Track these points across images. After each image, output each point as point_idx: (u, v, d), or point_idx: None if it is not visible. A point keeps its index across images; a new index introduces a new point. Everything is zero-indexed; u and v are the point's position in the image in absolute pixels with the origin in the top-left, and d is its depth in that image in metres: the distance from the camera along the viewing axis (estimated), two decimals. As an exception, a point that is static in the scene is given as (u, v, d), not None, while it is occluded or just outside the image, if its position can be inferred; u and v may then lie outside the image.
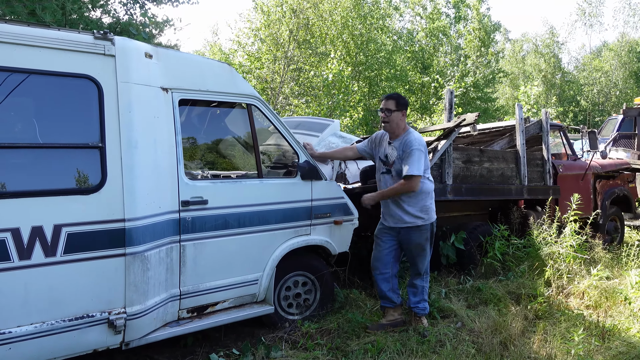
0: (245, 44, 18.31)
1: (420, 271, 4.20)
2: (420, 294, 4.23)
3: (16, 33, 2.77)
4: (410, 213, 4.02)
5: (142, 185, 3.14)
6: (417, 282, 4.23)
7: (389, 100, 4.07)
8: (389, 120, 4.04)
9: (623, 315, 4.57)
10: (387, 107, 4.03)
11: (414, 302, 4.22)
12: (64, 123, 2.99)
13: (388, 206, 4.13)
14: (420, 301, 4.22)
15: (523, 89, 16.85)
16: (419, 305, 4.21)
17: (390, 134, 4.12)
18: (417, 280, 4.23)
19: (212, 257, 3.61)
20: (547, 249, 5.45)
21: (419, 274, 4.21)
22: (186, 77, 3.54)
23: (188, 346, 3.81)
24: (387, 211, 4.16)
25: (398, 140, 4.06)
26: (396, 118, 4.02)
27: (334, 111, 14.45)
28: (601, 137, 12.33)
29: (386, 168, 4.12)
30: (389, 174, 4.11)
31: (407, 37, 25.19)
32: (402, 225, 4.08)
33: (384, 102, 4.07)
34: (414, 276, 4.25)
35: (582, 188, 7.26)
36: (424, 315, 4.25)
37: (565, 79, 32.96)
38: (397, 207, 4.06)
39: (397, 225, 4.10)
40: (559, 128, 7.88)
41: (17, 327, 2.73)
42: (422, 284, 4.24)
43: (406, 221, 4.05)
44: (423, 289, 4.25)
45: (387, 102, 4.06)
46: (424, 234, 4.10)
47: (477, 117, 5.06)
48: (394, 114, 4.01)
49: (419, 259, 4.16)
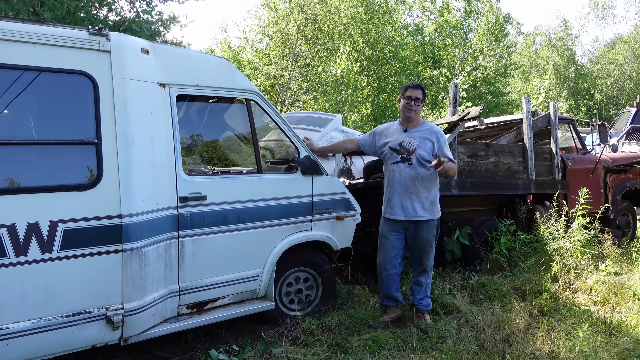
0: (253, 41, 18.33)
1: (426, 268, 4.16)
2: (425, 290, 4.19)
3: (10, 30, 2.77)
4: (423, 206, 3.98)
5: (138, 181, 3.14)
6: (422, 280, 4.18)
7: (418, 89, 4.06)
8: (416, 109, 4.03)
9: (631, 311, 4.48)
10: (417, 97, 4.02)
11: (418, 299, 4.18)
12: (59, 120, 2.99)
13: (401, 197, 4.02)
14: (424, 297, 4.18)
15: (534, 82, 16.59)
16: (422, 301, 4.17)
17: (408, 122, 4.08)
18: (423, 277, 4.18)
19: (212, 253, 3.60)
20: (554, 244, 5.36)
21: (425, 270, 4.17)
22: (184, 72, 3.53)
23: (189, 342, 3.81)
24: (398, 203, 4.03)
25: (417, 129, 4.05)
26: (420, 108, 4.07)
27: (342, 107, 14.40)
28: (614, 130, 12.16)
29: (401, 157, 4.00)
30: (404, 162, 3.99)
31: (416, 31, 24.98)
32: (413, 219, 4.00)
33: (413, 91, 4.04)
34: (420, 273, 4.19)
35: (592, 182, 7.15)
36: (427, 311, 4.21)
37: (579, 73, 32.47)
38: (411, 199, 3.98)
39: (408, 218, 4.01)
40: (568, 121, 7.75)
41: (15, 323, 2.74)
42: (427, 280, 4.20)
43: (419, 215, 3.99)
44: (427, 285, 4.21)
45: (417, 91, 4.04)
46: (432, 229, 4.07)
47: (481, 111, 4.99)
48: (421, 104, 4.05)
49: (425, 255, 4.11)
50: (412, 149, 3.97)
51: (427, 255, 4.12)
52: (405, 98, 4.04)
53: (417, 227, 4.03)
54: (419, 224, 4.02)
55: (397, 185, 4.04)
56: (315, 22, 17.12)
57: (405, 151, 3.98)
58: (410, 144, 3.98)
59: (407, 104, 4.03)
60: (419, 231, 4.04)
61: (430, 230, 4.06)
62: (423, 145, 3.97)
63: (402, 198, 4.02)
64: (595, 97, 31.04)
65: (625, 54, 31.31)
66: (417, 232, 4.04)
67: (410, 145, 3.98)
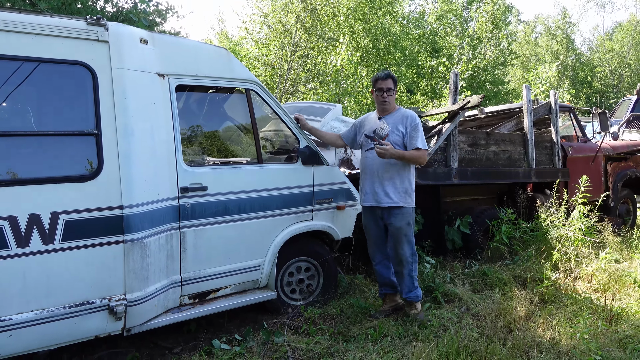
0: (252, 31, 18.23)
1: (402, 258, 3.96)
2: (409, 281, 4.00)
3: (7, 20, 2.75)
4: (395, 192, 3.89)
5: (139, 172, 3.13)
6: (401, 270, 4.00)
7: (388, 79, 4.00)
8: (389, 99, 4.00)
9: (632, 298, 4.50)
10: (389, 87, 3.97)
11: (405, 291, 4.02)
12: (58, 111, 2.98)
13: (372, 183, 3.96)
14: (411, 289, 4.00)
15: (542, 68, 16.26)
16: (410, 294, 4.00)
17: (383, 112, 4.05)
18: (400, 267, 4.00)
19: (213, 244, 3.60)
20: (555, 232, 5.38)
21: (402, 262, 3.97)
22: (183, 62, 3.51)
23: (191, 332, 3.83)
24: (370, 189, 3.98)
25: (390, 115, 4.01)
26: (394, 96, 4.03)
27: (342, 98, 14.33)
28: (615, 118, 12.12)
29: (375, 143, 3.89)
30: None
31: (417, 20, 24.84)
32: (383, 205, 3.92)
33: (383, 82, 3.98)
34: (397, 264, 4.02)
35: (592, 170, 7.14)
36: (418, 301, 4.07)
37: (579, 61, 32.29)
38: (382, 185, 3.91)
39: (379, 204, 3.93)
40: (569, 110, 7.73)
41: (18, 314, 2.74)
42: (408, 271, 3.99)
43: (389, 200, 3.90)
44: (411, 276, 4.01)
45: (387, 81, 3.99)
46: (405, 217, 3.93)
47: (481, 99, 4.97)
48: (393, 92, 4.00)
49: (399, 245, 3.94)
50: (384, 134, 3.89)
51: (400, 245, 3.94)
52: (377, 90, 4.01)
53: (389, 214, 3.94)
54: (391, 211, 3.93)
55: (369, 172, 3.99)
56: (314, 12, 17.01)
57: (378, 137, 3.90)
58: (382, 130, 3.90)
59: (379, 95, 4.01)
60: (391, 218, 3.94)
61: (404, 218, 3.92)
62: (395, 131, 3.92)
63: (373, 184, 3.97)
64: (594, 86, 30.90)
65: (623, 42, 31.11)
66: (390, 220, 3.95)
67: (383, 131, 3.90)
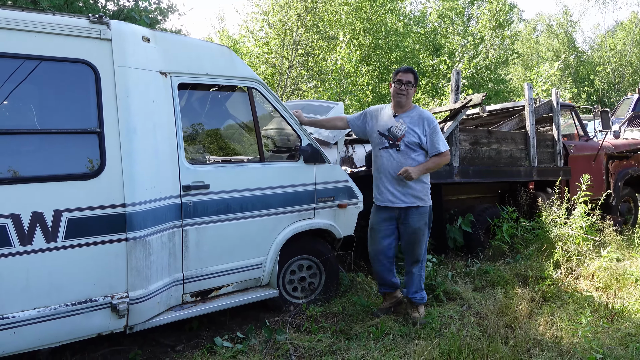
0: (253, 29, 18.22)
1: (418, 258, 4.01)
2: (418, 282, 4.03)
3: (10, 18, 2.75)
4: (413, 192, 3.88)
5: (141, 170, 3.14)
6: (415, 270, 4.04)
7: (409, 73, 3.96)
8: (407, 93, 3.94)
9: (633, 297, 4.50)
10: (409, 80, 3.93)
11: (412, 291, 4.03)
12: (61, 109, 2.98)
13: (390, 183, 3.92)
14: (418, 290, 4.04)
15: (544, 67, 16.19)
16: (416, 295, 4.03)
17: (398, 107, 3.97)
18: (415, 268, 4.04)
19: (215, 242, 3.60)
20: (556, 231, 5.37)
21: (417, 261, 4.02)
22: (185, 60, 3.51)
23: (193, 330, 3.84)
24: (387, 189, 3.93)
25: (406, 114, 3.94)
26: (412, 92, 3.97)
27: (342, 96, 14.34)
28: (616, 117, 12.10)
29: (390, 142, 3.91)
30: (393, 148, 3.90)
31: (419, 18, 24.78)
32: (402, 205, 3.90)
33: (404, 75, 3.94)
34: (412, 264, 4.03)
35: (594, 169, 7.14)
36: (422, 304, 4.09)
37: (580, 59, 32.24)
38: (400, 185, 3.87)
39: (397, 205, 3.90)
40: (571, 108, 7.72)
41: (21, 311, 2.75)
42: (420, 272, 4.05)
43: (409, 201, 3.89)
44: (420, 277, 4.06)
45: (408, 74, 3.95)
46: (423, 217, 3.94)
47: (483, 98, 4.97)
48: (413, 88, 3.96)
49: (417, 245, 3.96)
50: (401, 134, 3.87)
51: (419, 245, 3.96)
52: (396, 82, 3.94)
53: (407, 214, 3.92)
54: (409, 211, 3.91)
55: (385, 171, 3.94)
56: (315, 11, 16.99)
57: (393, 137, 3.89)
58: (398, 130, 3.88)
59: (397, 88, 3.93)
60: (409, 219, 3.91)
61: (422, 217, 3.93)
62: (412, 131, 3.87)
63: (390, 184, 3.92)
64: (596, 84, 30.86)
65: (625, 40, 31.06)
66: (407, 220, 3.92)
67: (399, 131, 3.88)
